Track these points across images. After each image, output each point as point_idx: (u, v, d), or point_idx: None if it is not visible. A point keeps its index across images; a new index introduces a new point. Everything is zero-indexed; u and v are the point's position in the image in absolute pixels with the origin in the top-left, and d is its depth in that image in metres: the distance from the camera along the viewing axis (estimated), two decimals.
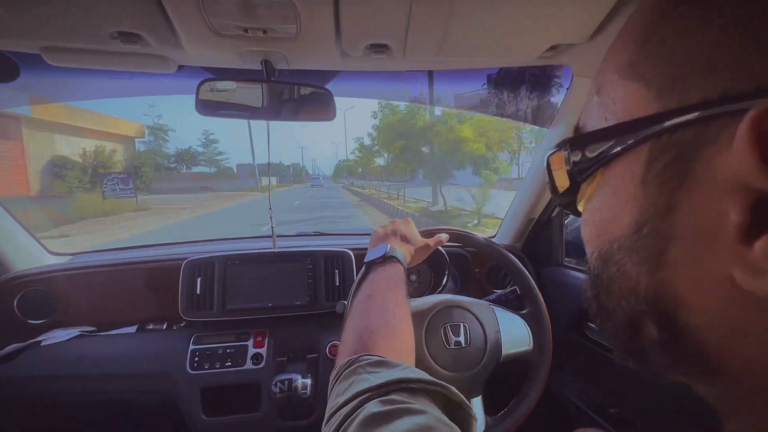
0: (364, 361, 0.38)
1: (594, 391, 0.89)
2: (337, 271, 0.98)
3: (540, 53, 0.70)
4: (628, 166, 0.18)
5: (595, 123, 0.21)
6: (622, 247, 0.19)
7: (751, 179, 0.13)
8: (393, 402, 0.30)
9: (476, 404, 0.76)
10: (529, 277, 0.82)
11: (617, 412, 0.82)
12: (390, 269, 0.64)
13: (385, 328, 0.47)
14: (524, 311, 0.83)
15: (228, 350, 0.89)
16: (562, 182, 0.23)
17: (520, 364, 0.80)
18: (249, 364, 0.88)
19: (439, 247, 0.81)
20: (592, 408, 0.87)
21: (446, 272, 1.03)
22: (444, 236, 0.79)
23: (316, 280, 0.97)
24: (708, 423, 0.62)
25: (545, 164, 0.25)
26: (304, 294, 0.96)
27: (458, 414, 0.33)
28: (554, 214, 1.02)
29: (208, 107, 0.75)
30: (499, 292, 0.99)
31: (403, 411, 0.28)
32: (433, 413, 0.29)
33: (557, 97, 0.86)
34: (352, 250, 1.02)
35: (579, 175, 0.21)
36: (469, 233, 0.85)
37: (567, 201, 0.23)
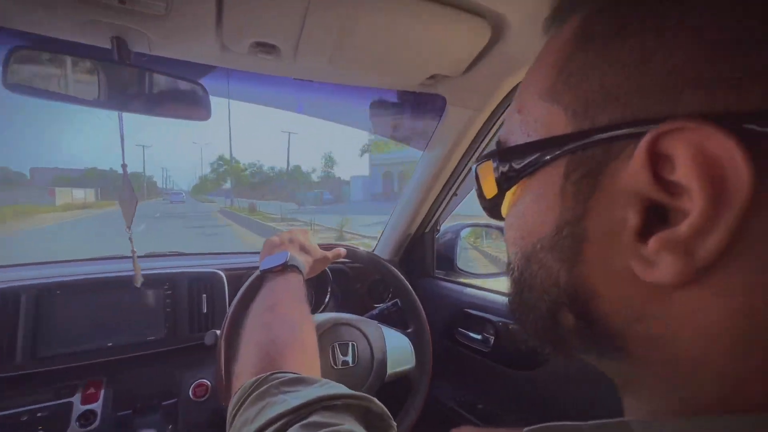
0: (277, 380, 0.33)
1: (465, 391, 0.98)
2: (204, 295, 0.84)
3: (421, 80, 0.77)
4: (549, 177, 0.20)
5: (518, 138, 0.23)
6: (545, 246, 0.21)
7: (645, 190, 0.16)
8: (317, 426, 0.26)
9: None
10: (414, 295, 0.86)
11: (485, 408, 0.91)
12: (291, 279, 0.59)
13: (294, 342, 0.43)
14: (409, 330, 0.86)
15: (39, 414, 0.66)
16: (490, 190, 0.24)
17: (402, 382, 0.82)
18: (74, 427, 0.66)
19: None
20: (464, 407, 0.94)
21: (329, 290, 1.00)
22: (342, 250, 0.77)
23: (176, 309, 0.81)
24: (562, 407, 0.74)
25: (474, 173, 0.26)
26: (160, 326, 0.79)
27: (379, 425, 0.31)
28: (427, 229, 1.11)
29: (22, 84, 0.56)
30: (380, 306, 1.01)
31: None
32: (354, 429, 0.26)
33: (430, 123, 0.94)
34: (223, 270, 0.89)
35: (505, 183, 0.23)
36: (357, 248, 0.85)
37: (492, 206, 0.25)
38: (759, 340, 0.15)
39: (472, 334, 0.94)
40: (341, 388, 0.33)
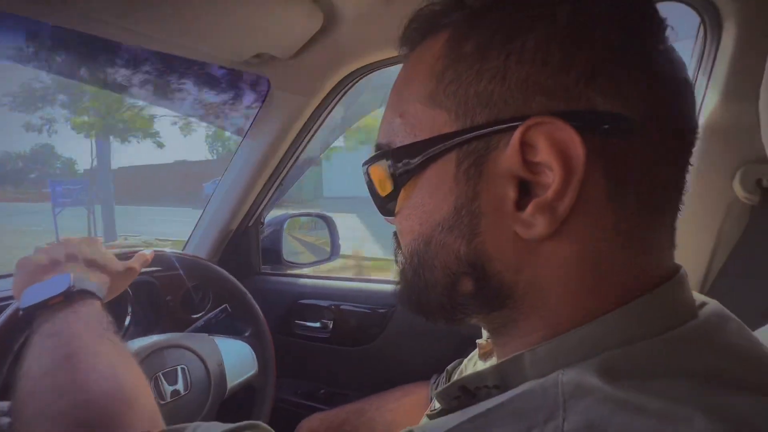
0: None
1: (304, 381, 0.97)
2: None
3: (246, 58, 0.69)
4: (443, 169, 0.24)
5: (404, 139, 0.26)
6: (445, 228, 0.25)
7: (517, 171, 0.22)
8: None
9: None
10: (249, 295, 0.78)
11: (327, 391, 0.93)
12: (83, 310, 0.44)
13: (126, 393, 0.34)
14: (246, 333, 0.78)
15: None
16: (385, 188, 0.27)
17: (246, 391, 0.74)
18: None
19: None
20: (307, 397, 0.94)
21: (129, 311, 0.78)
22: (148, 254, 0.61)
23: None
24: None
25: (366, 175, 0.28)
26: None
27: None
28: (251, 224, 1.02)
29: None
30: (204, 315, 0.87)
31: None
32: None
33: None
34: None
35: (401, 179, 0.26)
36: (165, 251, 0.70)
37: (386, 203, 0.28)
38: (602, 273, 0.22)
39: (310, 324, 0.94)
40: (216, 426, 0.29)
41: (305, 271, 1.15)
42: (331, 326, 0.91)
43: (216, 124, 0.97)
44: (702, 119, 0.54)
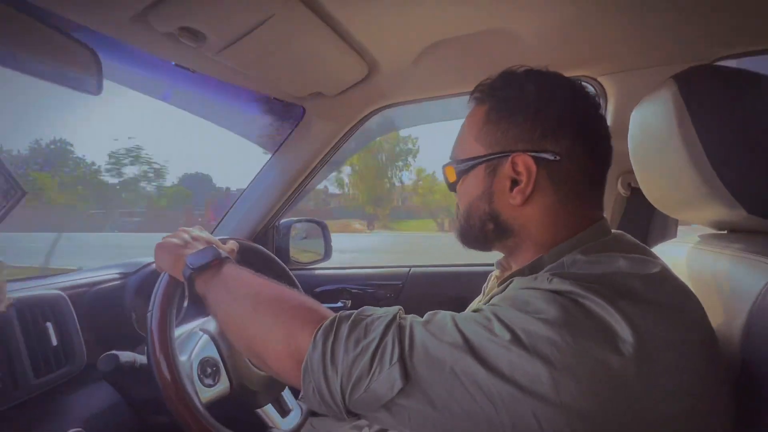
0: (351, 315, 0.42)
1: None
2: (49, 324, 0.62)
3: (304, 94, 0.92)
4: (479, 171, 0.47)
5: (462, 155, 0.49)
6: (480, 198, 0.47)
7: (510, 175, 0.45)
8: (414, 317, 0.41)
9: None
10: (288, 270, 0.96)
11: None
12: (236, 266, 0.58)
13: (308, 298, 0.49)
14: None
15: None
16: (453, 178, 0.50)
17: None
18: None
19: None
20: None
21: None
22: (236, 244, 0.77)
23: (8, 348, 0.57)
24: None
25: (444, 171, 0.51)
26: None
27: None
28: (271, 225, 1.20)
29: None
30: None
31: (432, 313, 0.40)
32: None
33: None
34: (63, 290, 0.68)
35: (460, 174, 0.49)
36: (241, 240, 0.86)
37: (452, 186, 0.51)
38: (557, 220, 0.45)
39: (330, 305, 1.14)
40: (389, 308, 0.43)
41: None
42: (350, 304, 1.12)
43: (254, 141, 1.16)
44: None
